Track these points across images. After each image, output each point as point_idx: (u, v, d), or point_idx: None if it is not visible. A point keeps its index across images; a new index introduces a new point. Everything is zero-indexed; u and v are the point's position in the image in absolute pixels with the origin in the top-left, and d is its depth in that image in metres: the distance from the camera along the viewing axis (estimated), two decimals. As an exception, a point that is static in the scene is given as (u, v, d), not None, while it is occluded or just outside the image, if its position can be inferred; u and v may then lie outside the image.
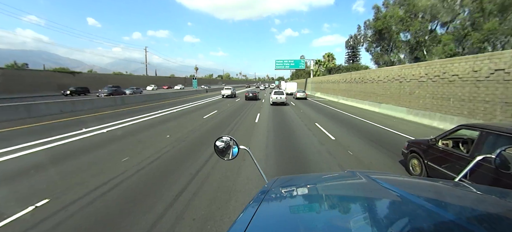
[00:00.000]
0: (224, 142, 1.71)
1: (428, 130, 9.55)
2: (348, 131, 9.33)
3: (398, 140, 7.62)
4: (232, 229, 0.76)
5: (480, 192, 1.05)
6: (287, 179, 1.44)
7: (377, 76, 17.70)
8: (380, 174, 1.42)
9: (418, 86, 12.53)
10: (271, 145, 6.96)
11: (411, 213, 0.81)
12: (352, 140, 7.92)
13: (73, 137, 7.59)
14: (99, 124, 10.06)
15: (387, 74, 16.22)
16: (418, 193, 1.00)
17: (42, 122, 10.27)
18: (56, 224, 2.93)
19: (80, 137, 7.69)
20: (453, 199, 1.01)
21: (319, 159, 5.78)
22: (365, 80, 19.79)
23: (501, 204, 0.94)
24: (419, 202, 0.86)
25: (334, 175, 1.83)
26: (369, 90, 18.89)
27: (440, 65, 11.13)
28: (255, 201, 0.99)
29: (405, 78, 13.80)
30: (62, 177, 4.46)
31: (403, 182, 1.31)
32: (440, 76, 11.01)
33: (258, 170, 1.59)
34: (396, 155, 5.94)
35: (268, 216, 0.90)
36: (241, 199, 3.61)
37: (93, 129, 8.92)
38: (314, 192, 1.21)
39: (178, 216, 3.14)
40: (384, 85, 16.39)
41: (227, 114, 14.20)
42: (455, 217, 0.74)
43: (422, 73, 12.31)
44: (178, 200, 3.57)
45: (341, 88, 26.17)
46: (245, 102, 23.00)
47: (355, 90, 21.88)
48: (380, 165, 5.48)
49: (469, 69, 9.50)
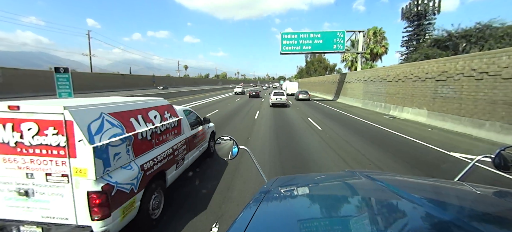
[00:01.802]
0: (224, 141, 1.70)
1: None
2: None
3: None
4: (232, 228, 0.75)
5: (480, 192, 1.04)
6: (287, 179, 1.42)
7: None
8: (379, 174, 1.40)
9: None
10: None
11: (411, 213, 0.80)
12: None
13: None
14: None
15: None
16: (417, 193, 1.00)
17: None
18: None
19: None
20: (452, 199, 1.01)
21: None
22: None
23: (500, 204, 0.94)
24: (418, 202, 0.86)
25: (333, 174, 1.83)
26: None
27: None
28: (255, 201, 0.99)
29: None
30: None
31: (403, 182, 1.29)
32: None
33: (258, 170, 1.57)
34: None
35: (268, 215, 0.90)
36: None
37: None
38: (314, 191, 1.20)
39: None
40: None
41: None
42: (454, 217, 0.73)
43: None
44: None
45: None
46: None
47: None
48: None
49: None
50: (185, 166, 4.27)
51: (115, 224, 2.39)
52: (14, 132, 2.21)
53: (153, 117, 3.42)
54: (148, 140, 3.13)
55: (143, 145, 2.99)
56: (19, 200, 2.29)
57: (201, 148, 5.24)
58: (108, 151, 2.38)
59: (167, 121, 3.72)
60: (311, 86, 45.93)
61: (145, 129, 3.08)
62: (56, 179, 2.23)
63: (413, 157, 6.33)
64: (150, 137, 3.16)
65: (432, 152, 6.77)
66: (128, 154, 2.70)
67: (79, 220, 2.25)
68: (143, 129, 3.03)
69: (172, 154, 3.67)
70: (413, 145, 7.46)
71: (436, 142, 7.80)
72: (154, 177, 3.10)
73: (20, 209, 2.30)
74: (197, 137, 4.95)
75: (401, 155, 6.41)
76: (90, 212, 2.21)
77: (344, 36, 23.83)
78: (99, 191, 2.21)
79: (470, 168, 1.39)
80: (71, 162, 2.19)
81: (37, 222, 2.29)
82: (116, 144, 2.50)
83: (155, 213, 3.17)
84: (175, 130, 3.97)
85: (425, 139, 8.17)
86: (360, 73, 21.47)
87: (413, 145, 7.46)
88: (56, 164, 2.21)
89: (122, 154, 2.59)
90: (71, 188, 2.22)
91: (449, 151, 6.78)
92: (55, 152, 2.20)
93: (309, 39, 24.06)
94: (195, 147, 4.79)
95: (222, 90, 53.86)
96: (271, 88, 56.50)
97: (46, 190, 2.26)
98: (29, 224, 2.29)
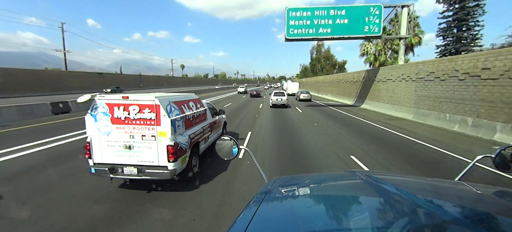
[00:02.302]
0: (224, 141, 1.70)
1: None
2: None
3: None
4: (233, 228, 0.76)
5: (480, 191, 1.03)
6: (287, 179, 1.44)
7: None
8: (379, 173, 1.41)
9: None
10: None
11: (411, 213, 0.80)
12: None
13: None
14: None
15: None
16: (418, 193, 1.00)
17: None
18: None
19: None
20: (453, 199, 1.01)
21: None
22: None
23: (501, 203, 0.93)
24: (419, 202, 0.86)
25: (334, 175, 1.85)
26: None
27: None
28: (255, 201, 1.00)
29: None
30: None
31: (403, 181, 1.30)
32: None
33: (258, 170, 1.59)
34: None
35: (268, 215, 0.91)
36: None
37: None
38: (314, 192, 1.21)
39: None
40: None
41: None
42: (455, 216, 0.74)
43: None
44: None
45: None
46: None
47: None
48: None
49: None
50: (208, 143, 5.96)
51: (178, 167, 4.07)
52: (124, 112, 3.89)
53: (192, 106, 5.13)
54: (190, 120, 4.83)
55: (188, 122, 4.69)
56: (124, 151, 3.98)
57: (218, 133, 6.95)
58: (175, 123, 4.08)
59: (198, 109, 5.43)
60: (318, 87, 40.70)
61: (189, 113, 4.79)
62: (148, 138, 3.92)
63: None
64: (191, 118, 4.87)
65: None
66: (183, 127, 4.41)
67: (160, 162, 3.94)
68: (188, 113, 4.74)
69: (202, 132, 5.37)
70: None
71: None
72: (194, 145, 4.80)
73: (124, 157, 3.99)
74: (216, 123, 6.66)
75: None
76: (167, 157, 3.90)
77: (381, 12, 16.17)
78: (173, 145, 3.91)
79: (470, 168, 1.37)
80: (157, 128, 3.88)
81: (134, 164, 3.98)
82: (178, 120, 4.20)
83: (194, 169, 4.86)
84: (203, 116, 5.68)
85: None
86: (410, 67, 14.57)
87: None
88: (148, 129, 3.90)
89: (180, 126, 4.30)
90: (156, 143, 3.90)
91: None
92: (148, 123, 3.88)
93: (328, 17, 16.52)
94: (214, 130, 6.49)
95: (222, 90, 54.82)
96: (272, 88, 55.91)
97: (141, 145, 3.95)
98: (129, 166, 3.98)
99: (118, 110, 3.91)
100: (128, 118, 3.91)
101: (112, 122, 3.94)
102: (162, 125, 3.88)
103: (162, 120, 3.87)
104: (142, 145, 3.96)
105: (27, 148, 6.82)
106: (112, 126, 3.94)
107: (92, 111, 3.95)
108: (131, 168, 3.99)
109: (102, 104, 3.93)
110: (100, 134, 3.98)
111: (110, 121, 3.93)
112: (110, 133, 3.96)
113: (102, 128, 3.96)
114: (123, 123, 3.93)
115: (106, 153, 4.00)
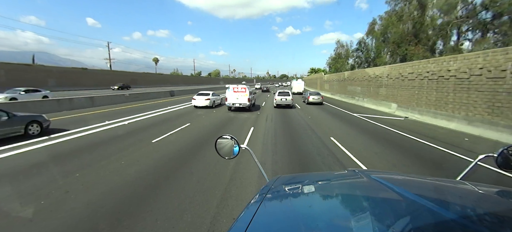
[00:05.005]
0: (225, 141, 1.69)
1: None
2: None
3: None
4: (234, 227, 0.76)
5: (482, 191, 1.02)
6: (288, 178, 1.45)
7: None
8: (381, 173, 1.40)
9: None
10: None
11: (413, 212, 0.80)
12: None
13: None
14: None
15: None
16: (419, 192, 1.00)
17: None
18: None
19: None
20: (454, 198, 1.00)
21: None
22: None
23: (503, 203, 0.93)
24: (420, 201, 0.86)
25: (335, 174, 1.83)
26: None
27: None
28: (256, 200, 1.01)
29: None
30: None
31: (404, 181, 1.29)
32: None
33: (259, 169, 1.61)
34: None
35: (269, 214, 0.91)
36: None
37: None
38: (316, 191, 1.21)
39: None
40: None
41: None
42: (456, 216, 0.73)
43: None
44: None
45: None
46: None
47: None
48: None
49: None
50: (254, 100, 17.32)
51: (250, 104, 15.61)
52: (239, 92, 15.47)
53: (244, 88, 16.41)
54: (252, 93, 16.41)
55: (251, 94, 16.31)
56: (236, 100, 15.49)
57: (254, 100, 18.42)
58: (249, 93, 15.76)
59: (252, 89, 17.02)
60: (344, 86, 28.16)
61: (252, 90, 16.71)
62: (243, 95, 15.41)
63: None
64: (251, 92, 16.46)
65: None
66: (250, 94, 16.03)
67: (246, 103, 15.40)
68: (251, 90, 16.52)
69: (253, 97, 16.88)
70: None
71: None
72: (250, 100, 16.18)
73: (236, 101, 15.51)
74: (251, 93, 18.08)
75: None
76: (247, 100, 15.36)
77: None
78: (249, 98, 15.52)
79: (472, 167, 1.36)
80: (246, 94, 15.39)
81: (239, 103, 15.43)
82: (251, 92, 16.02)
83: (252, 106, 16.54)
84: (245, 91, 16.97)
85: None
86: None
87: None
88: (243, 94, 15.39)
89: (250, 93, 16.02)
90: (246, 96, 15.35)
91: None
92: (243, 92, 15.39)
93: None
94: (254, 98, 18.06)
95: (222, 89, 50.27)
96: (280, 86, 57.78)
97: (241, 97, 15.43)
98: (237, 104, 15.56)
99: (237, 89, 15.28)
100: (237, 91, 15.26)
101: (233, 91, 15.30)
102: (247, 93, 15.15)
103: (247, 93, 15.20)
104: (241, 97, 15.15)
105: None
106: (233, 93, 15.28)
107: (227, 89, 15.40)
108: (237, 105, 15.25)
109: (230, 87, 15.39)
110: (230, 93, 15.31)
111: (232, 90, 15.32)
112: (232, 94, 15.30)
113: (230, 92, 15.32)
114: (236, 92, 15.24)
115: (230, 100, 15.31)
